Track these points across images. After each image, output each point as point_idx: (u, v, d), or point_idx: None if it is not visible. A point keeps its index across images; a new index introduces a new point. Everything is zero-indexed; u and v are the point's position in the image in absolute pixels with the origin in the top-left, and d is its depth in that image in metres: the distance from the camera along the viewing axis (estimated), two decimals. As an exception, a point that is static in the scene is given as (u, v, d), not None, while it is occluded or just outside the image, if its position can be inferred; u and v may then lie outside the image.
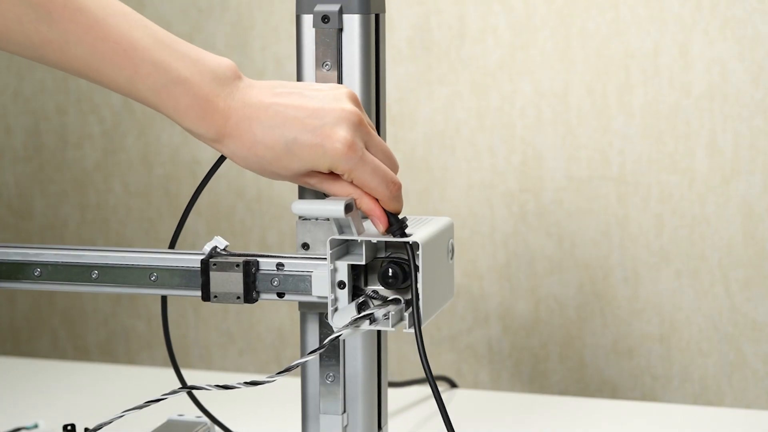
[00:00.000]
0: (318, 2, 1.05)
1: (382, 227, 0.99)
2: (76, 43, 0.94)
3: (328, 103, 0.98)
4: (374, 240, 0.98)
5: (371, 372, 1.06)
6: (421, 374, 1.57)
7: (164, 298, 1.14)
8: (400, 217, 0.99)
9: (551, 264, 1.59)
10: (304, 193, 1.07)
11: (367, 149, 0.98)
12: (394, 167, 1.01)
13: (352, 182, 0.98)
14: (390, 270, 0.99)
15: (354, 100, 0.99)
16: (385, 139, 1.07)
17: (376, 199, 0.99)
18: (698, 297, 1.54)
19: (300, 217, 1.04)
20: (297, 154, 0.97)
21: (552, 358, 1.61)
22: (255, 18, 1.66)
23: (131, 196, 1.75)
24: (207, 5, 1.68)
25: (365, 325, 0.99)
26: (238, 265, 1.03)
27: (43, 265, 1.06)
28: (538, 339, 1.61)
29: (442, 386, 1.53)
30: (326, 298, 0.99)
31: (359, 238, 0.98)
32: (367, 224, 1.02)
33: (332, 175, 0.99)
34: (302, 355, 1.08)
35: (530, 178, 1.58)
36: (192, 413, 1.22)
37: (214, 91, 0.98)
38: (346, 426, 1.05)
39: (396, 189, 0.99)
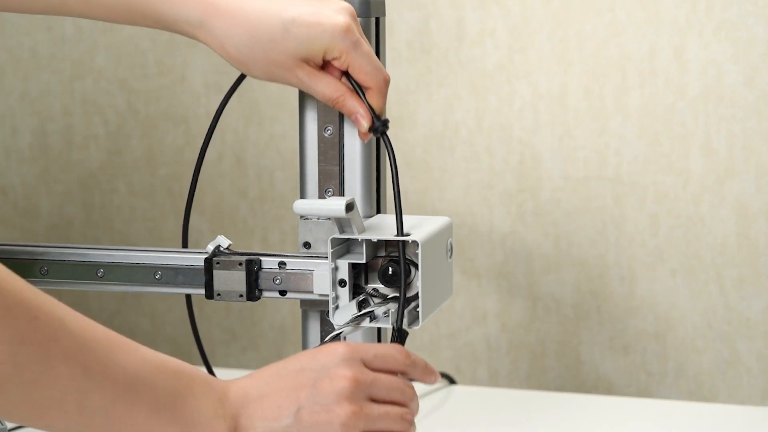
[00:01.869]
0: (319, 5, 1.05)
1: (366, 124, 0.97)
2: None
3: (327, 2, 0.97)
4: (374, 239, 0.98)
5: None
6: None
7: (188, 297, 1.13)
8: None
9: (548, 263, 1.59)
10: (305, 192, 1.07)
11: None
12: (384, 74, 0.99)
13: (346, 69, 0.96)
14: (390, 268, 0.99)
15: (351, 9, 0.98)
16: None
17: (361, 98, 0.97)
18: (693, 295, 1.54)
19: (301, 217, 1.05)
20: (294, 33, 0.94)
21: (549, 355, 1.61)
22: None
23: (135, 196, 1.75)
24: (210, 8, 1.68)
25: (366, 323, 0.99)
26: (240, 264, 1.03)
27: (49, 263, 1.06)
28: (536, 336, 1.61)
29: (440, 383, 1.53)
30: (327, 296, 1.00)
31: (360, 237, 0.98)
32: (368, 224, 1.02)
33: (322, 69, 0.97)
34: (304, 352, 1.07)
35: (528, 178, 1.58)
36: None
37: None
38: (346, 422, 1.05)
39: (386, 83, 0.97)
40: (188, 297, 1.13)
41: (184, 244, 1.12)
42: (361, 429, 0.89)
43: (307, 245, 1.05)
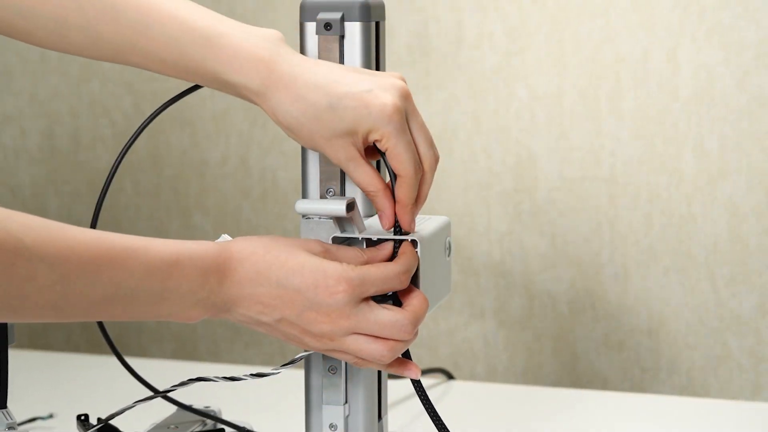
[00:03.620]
0: (321, 11, 1.05)
1: (387, 225, 0.97)
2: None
3: (380, 77, 0.95)
4: (375, 238, 0.98)
5: (372, 364, 1.06)
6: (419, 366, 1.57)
7: None
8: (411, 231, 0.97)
9: (545, 261, 1.59)
10: (307, 192, 1.07)
11: (409, 125, 0.95)
12: (433, 154, 0.97)
13: (386, 153, 0.94)
14: (390, 267, 0.99)
15: (404, 88, 0.95)
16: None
17: (390, 196, 0.96)
18: (685, 292, 1.54)
19: (303, 216, 1.05)
20: (339, 114, 0.93)
21: (545, 352, 1.61)
22: (260, 25, 1.66)
23: (141, 196, 1.76)
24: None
25: (366, 320, 0.99)
26: (244, 262, 1.03)
27: (58, 261, 1.06)
28: (532, 333, 1.61)
29: (439, 378, 1.53)
30: (329, 293, 1.00)
31: (360, 236, 0.98)
32: (368, 223, 1.02)
33: (363, 154, 0.95)
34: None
35: (525, 178, 1.58)
36: (200, 403, 1.23)
37: (259, 44, 0.96)
38: (347, 416, 1.05)
39: (420, 172, 0.95)
40: None
41: (93, 225, 1.13)
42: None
43: (308, 244, 1.05)
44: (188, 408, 1.19)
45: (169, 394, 1.07)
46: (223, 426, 1.21)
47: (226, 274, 0.91)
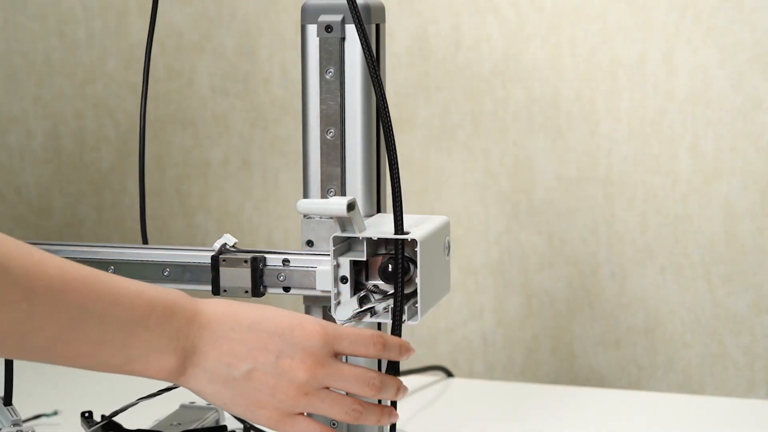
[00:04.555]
0: (322, 13, 1.05)
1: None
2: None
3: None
4: (375, 237, 0.98)
5: (372, 362, 1.06)
6: (419, 364, 1.57)
7: None
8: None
9: (542, 260, 1.59)
10: (308, 193, 1.07)
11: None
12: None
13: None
14: (390, 266, 0.99)
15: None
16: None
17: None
18: (681, 291, 1.54)
19: (304, 216, 1.05)
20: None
21: (543, 350, 1.61)
22: (262, 27, 1.66)
23: (145, 196, 1.76)
24: (217, 15, 1.68)
25: (366, 318, 0.99)
26: (246, 261, 1.03)
27: (62, 261, 1.06)
28: (530, 331, 1.61)
29: (438, 375, 1.53)
30: (329, 292, 1.00)
31: (360, 236, 0.98)
32: (368, 222, 1.02)
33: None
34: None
35: (522, 179, 1.58)
36: (203, 400, 1.22)
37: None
38: (348, 413, 1.05)
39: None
40: None
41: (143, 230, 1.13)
42: (300, 411, 0.89)
43: (310, 243, 1.06)
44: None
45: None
46: (225, 423, 1.21)
47: (195, 315, 0.87)
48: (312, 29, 1.06)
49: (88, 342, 0.82)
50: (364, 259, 0.99)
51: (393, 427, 0.98)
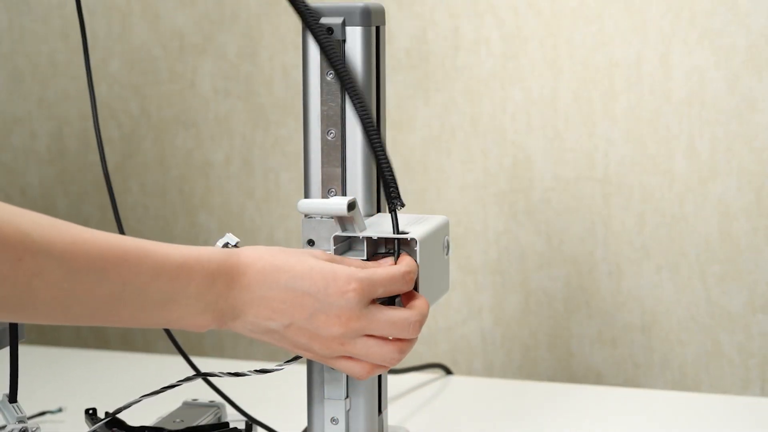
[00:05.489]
0: (323, 15, 1.05)
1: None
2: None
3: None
4: (375, 236, 0.98)
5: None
6: (418, 362, 1.57)
7: None
8: None
9: (540, 259, 1.59)
10: (309, 192, 1.07)
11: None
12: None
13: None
14: (389, 265, 0.99)
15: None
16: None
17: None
18: (677, 290, 1.54)
19: (306, 216, 1.05)
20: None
21: (541, 348, 1.61)
22: (264, 29, 1.66)
23: (148, 196, 1.76)
24: (219, 17, 1.68)
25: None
26: (248, 260, 1.03)
27: (67, 260, 1.06)
28: (528, 329, 1.61)
29: (438, 373, 1.53)
30: (330, 290, 1.00)
31: (361, 235, 0.98)
32: (368, 222, 1.02)
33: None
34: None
35: (520, 179, 1.58)
36: (205, 397, 1.23)
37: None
38: (348, 410, 1.05)
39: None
40: None
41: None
42: (342, 355, 0.93)
43: (311, 242, 1.06)
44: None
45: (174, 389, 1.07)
46: (227, 420, 1.21)
47: (234, 278, 0.90)
48: (313, 31, 1.06)
49: (128, 309, 0.85)
50: (365, 258, 0.99)
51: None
